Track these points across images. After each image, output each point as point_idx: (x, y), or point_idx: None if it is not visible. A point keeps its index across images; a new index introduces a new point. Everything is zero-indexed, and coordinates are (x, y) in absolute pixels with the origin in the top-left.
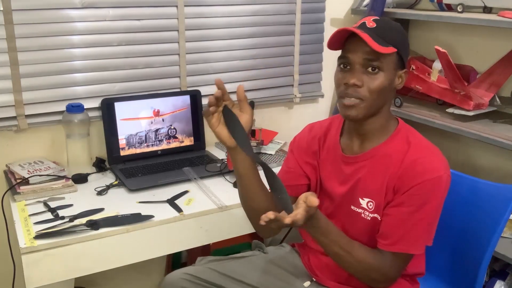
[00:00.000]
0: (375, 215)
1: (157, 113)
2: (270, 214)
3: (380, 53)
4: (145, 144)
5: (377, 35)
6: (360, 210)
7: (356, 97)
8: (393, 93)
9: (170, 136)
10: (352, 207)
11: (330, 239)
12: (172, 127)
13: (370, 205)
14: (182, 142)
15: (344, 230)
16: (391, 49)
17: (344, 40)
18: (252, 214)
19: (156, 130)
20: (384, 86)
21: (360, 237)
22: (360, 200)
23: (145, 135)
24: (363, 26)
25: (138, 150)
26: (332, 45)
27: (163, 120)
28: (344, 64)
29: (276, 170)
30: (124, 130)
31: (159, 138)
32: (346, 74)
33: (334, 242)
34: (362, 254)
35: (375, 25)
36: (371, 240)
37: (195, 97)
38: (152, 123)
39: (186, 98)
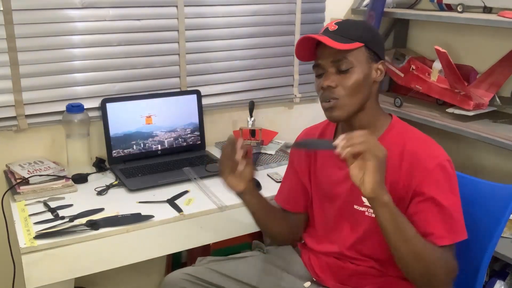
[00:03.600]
0: None
1: (156, 113)
2: None
3: (346, 51)
4: (145, 144)
5: (340, 35)
6: (363, 209)
7: (333, 98)
8: (375, 86)
9: (170, 136)
10: (355, 206)
11: (401, 221)
12: (172, 127)
13: None
14: (182, 142)
15: (351, 231)
16: (355, 45)
17: (314, 49)
18: (275, 235)
19: (156, 130)
20: (359, 81)
21: (369, 237)
22: (363, 198)
23: (145, 135)
24: (326, 31)
25: (138, 150)
26: (302, 57)
27: (163, 120)
28: (317, 71)
29: (276, 170)
30: (123, 130)
31: (159, 138)
32: (321, 79)
33: (407, 226)
34: (429, 245)
35: (336, 27)
36: (381, 240)
37: (195, 97)
38: (152, 123)
39: (186, 98)
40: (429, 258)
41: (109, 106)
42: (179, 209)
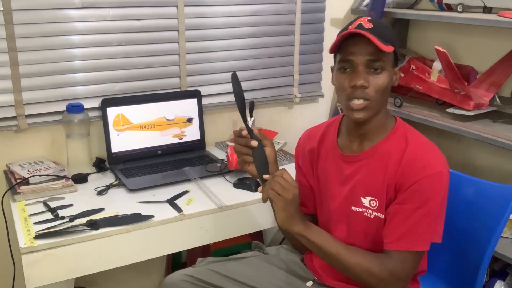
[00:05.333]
0: (378, 214)
1: (157, 113)
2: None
3: (382, 52)
4: (145, 144)
5: (377, 34)
6: (362, 209)
7: (364, 98)
8: (390, 91)
9: (170, 136)
10: (353, 208)
11: (320, 242)
12: (172, 127)
13: (373, 203)
14: (182, 142)
15: (348, 232)
16: (391, 48)
17: (339, 42)
18: (290, 234)
19: (156, 130)
20: (387, 84)
21: (365, 238)
22: (362, 199)
23: (145, 135)
24: (361, 27)
25: (138, 150)
26: (333, 50)
27: (163, 119)
28: (344, 67)
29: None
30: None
31: (159, 138)
32: (350, 76)
33: (328, 245)
34: (357, 256)
35: (372, 26)
36: (376, 242)
37: (195, 97)
38: (152, 125)
39: (186, 98)
40: (358, 268)
41: (109, 106)
42: (179, 209)
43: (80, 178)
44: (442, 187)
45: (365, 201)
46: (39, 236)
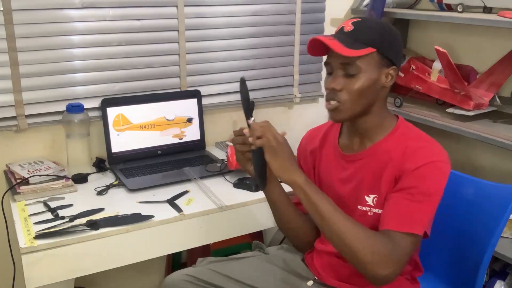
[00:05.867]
0: (378, 210)
1: (157, 113)
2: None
3: (355, 56)
4: (145, 144)
5: (353, 38)
6: (366, 208)
7: (336, 100)
8: (384, 91)
9: (170, 136)
10: (359, 206)
11: (317, 200)
12: (172, 127)
13: (375, 200)
14: (182, 142)
15: None
16: (366, 51)
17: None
18: (290, 233)
19: (156, 130)
20: (364, 87)
21: None
22: (366, 197)
23: (145, 135)
24: (340, 31)
25: (138, 150)
26: (315, 53)
27: (163, 119)
28: (328, 69)
29: None
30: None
31: (159, 138)
32: (329, 78)
33: (324, 205)
34: (362, 232)
35: (352, 28)
36: None
37: (195, 97)
38: (152, 125)
39: (186, 98)
40: (351, 238)
41: (109, 110)
42: (179, 209)
43: (80, 178)
44: (441, 177)
45: (369, 199)
46: (39, 236)
